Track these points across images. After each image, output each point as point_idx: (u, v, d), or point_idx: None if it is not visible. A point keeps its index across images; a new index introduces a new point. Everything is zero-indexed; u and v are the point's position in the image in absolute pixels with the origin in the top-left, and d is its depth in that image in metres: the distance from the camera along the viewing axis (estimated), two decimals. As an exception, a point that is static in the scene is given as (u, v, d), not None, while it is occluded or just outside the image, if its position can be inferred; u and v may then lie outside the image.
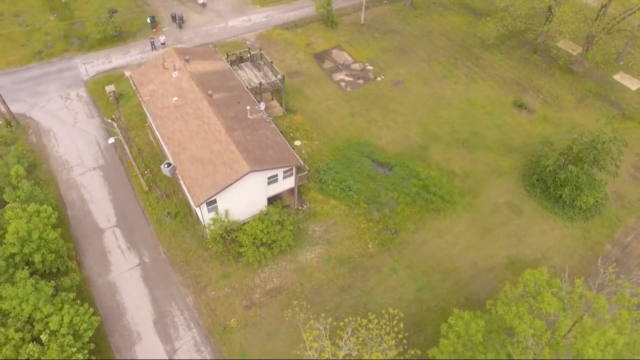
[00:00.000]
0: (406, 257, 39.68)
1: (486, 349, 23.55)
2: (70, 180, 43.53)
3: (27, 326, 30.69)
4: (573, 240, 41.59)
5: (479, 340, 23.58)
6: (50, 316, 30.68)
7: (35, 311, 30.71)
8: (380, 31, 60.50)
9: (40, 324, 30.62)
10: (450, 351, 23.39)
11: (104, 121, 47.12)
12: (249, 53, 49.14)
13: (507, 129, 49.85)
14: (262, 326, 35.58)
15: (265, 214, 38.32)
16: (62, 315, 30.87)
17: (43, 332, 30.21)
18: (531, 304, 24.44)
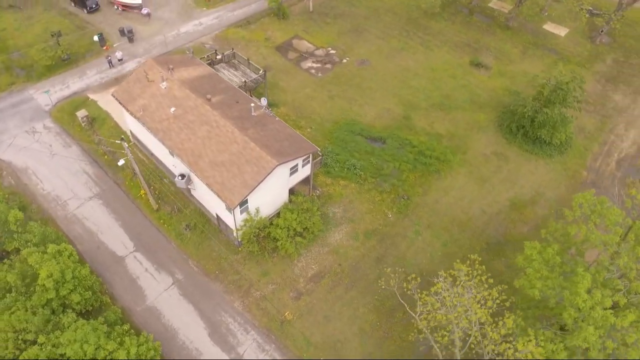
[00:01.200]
0: (424, 218, 41.37)
1: (566, 267, 25.65)
2: (68, 216, 40.28)
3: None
4: (556, 174, 45.55)
5: (558, 262, 25.62)
6: (115, 352, 28.74)
7: (98, 350, 28.60)
8: (331, 16, 61.19)
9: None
10: (538, 277, 25.13)
11: (105, 142, 43.72)
12: (222, 54, 47.81)
13: (472, 88, 52.98)
14: (317, 312, 35.69)
15: (294, 203, 38.11)
16: (127, 348, 29.09)
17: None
18: (594, 220, 26.77)
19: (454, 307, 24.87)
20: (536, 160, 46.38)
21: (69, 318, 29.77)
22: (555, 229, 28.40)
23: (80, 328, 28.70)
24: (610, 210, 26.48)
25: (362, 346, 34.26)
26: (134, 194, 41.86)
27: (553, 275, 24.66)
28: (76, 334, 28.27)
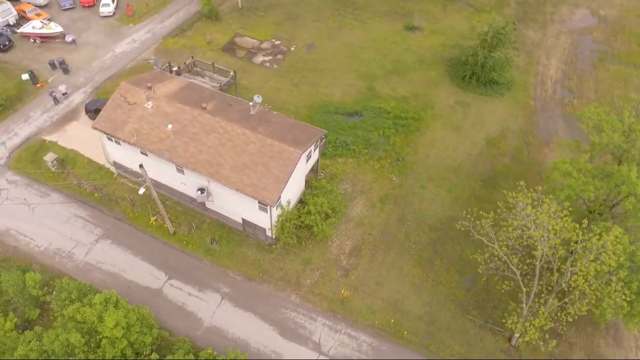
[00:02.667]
0: (423, 173, 43.82)
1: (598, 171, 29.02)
2: (80, 266, 36.75)
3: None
4: (511, 108, 50.44)
5: (589, 168, 29.11)
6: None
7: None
8: (261, 9, 60.55)
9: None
10: (582, 183, 28.29)
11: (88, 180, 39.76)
12: (179, 66, 45.66)
13: (415, 49, 56.16)
14: (368, 281, 36.73)
15: (314, 188, 38.29)
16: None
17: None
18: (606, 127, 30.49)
19: (536, 226, 27.19)
20: (492, 101, 50.85)
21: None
22: (567, 144, 31.76)
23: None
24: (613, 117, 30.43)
25: (420, 298, 36.00)
26: (142, 224, 39.08)
27: (594, 180, 28.15)
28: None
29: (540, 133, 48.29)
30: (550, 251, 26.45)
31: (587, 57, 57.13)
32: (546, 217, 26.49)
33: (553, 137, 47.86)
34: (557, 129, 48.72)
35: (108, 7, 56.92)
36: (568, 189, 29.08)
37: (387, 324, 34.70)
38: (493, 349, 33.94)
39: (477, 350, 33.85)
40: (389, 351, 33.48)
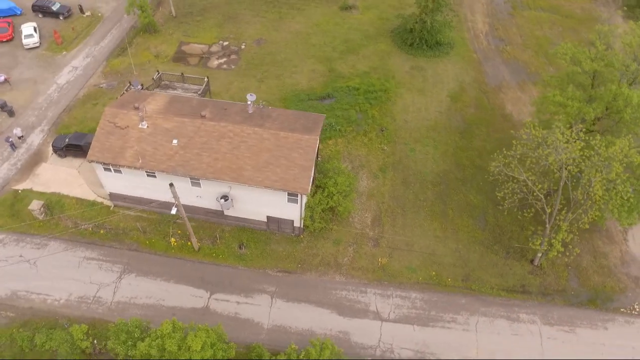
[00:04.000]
0: (408, 138, 46.04)
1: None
2: (112, 307, 34.36)
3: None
4: (460, 64, 54.18)
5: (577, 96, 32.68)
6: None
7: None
8: (196, 14, 58.49)
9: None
10: (574, 110, 31.70)
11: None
12: (152, 79, 43.25)
13: (357, 27, 57.89)
14: (398, 245, 38.41)
15: (328, 170, 38.80)
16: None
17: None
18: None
19: (559, 151, 30.12)
20: (442, 61, 54.24)
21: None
22: (565, 49, 34.57)
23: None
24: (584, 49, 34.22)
25: (447, 247, 38.38)
26: (161, 248, 37.14)
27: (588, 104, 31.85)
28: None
29: (491, 81, 52.59)
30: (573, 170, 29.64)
31: (503, 8, 62.67)
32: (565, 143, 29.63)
33: (502, 82, 52.37)
34: (503, 74, 53.33)
35: (32, 37, 51.65)
36: (566, 116, 32.65)
37: (429, 277, 36.63)
38: (522, 273, 37.32)
39: (509, 278, 37.01)
40: (440, 300, 35.49)
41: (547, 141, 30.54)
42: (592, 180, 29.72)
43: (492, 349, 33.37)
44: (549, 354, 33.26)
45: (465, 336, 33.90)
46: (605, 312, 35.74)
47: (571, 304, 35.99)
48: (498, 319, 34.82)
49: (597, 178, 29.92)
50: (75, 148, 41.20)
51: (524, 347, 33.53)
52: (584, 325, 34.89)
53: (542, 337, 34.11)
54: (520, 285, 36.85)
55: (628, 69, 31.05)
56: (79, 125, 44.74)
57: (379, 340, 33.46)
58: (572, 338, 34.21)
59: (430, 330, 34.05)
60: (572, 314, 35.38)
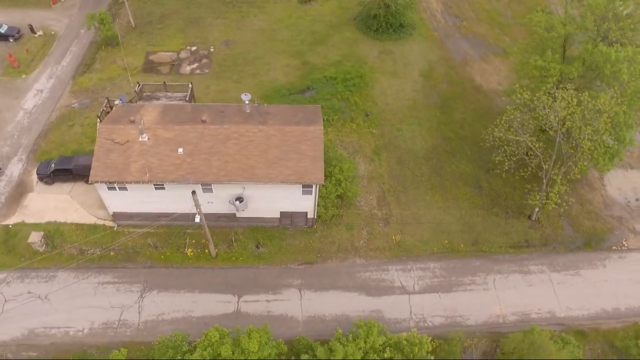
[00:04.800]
0: (392, 119, 47.15)
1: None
2: (140, 327, 33.36)
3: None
4: (425, 44, 55.78)
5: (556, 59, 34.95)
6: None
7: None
8: (156, 22, 56.50)
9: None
10: (557, 71, 33.94)
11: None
12: (134, 92, 41.60)
13: (320, 18, 58.21)
14: (407, 220, 39.67)
15: (332, 159, 39.17)
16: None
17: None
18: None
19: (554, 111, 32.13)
20: (407, 42, 55.73)
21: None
22: (539, 17, 36.76)
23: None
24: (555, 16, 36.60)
25: (452, 216, 40.02)
26: (177, 261, 36.21)
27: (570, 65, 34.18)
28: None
29: (455, 56, 54.72)
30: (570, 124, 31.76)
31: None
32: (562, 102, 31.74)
33: (466, 56, 54.59)
34: (465, 49, 55.61)
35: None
36: (550, 78, 34.87)
37: (442, 246, 38.10)
38: (522, 229, 39.61)
39: (513, 235, 39.20)
40: (457, 266, 37.05)
41: (543, 102, 32.53)
42: (585, 133, 32.02)
43: (513, 302, 35.32)
44: (563, 297, 35.66)
45: (487, 295, 35.64)
46: (600, 251, 38.74)
47: (571, 250, 38.69)
48: (512, 274, 36.86)
49: (587, 130, 32.27)
50: (64, 172, 38.98)
51: (539, 296, 35.74)
52: (585, 266, 37.65)
53: (553, 284, 36.49)
54: (523, 240, 39.11)
55: (600, 28, 33.60)
56: (59, 149, 42.26)
57: (410, 313, 34.49)
58: (578, 280, 36.86)
59: (454, 295, 35.50)
60: (573, 259, 38.07)
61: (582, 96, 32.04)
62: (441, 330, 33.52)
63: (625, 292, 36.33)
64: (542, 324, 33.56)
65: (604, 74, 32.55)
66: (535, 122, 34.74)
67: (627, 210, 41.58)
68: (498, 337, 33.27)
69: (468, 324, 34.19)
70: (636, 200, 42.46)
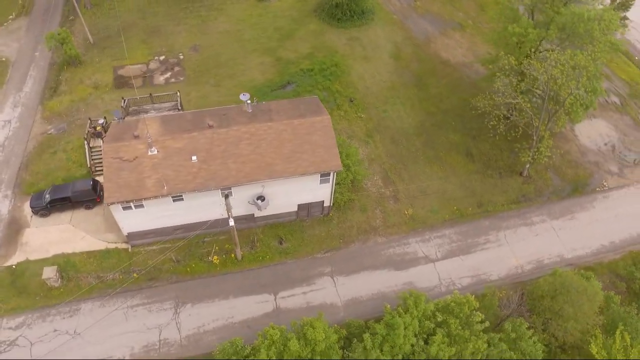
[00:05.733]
0: (375, 101, 48.29)
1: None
2: (183, 343, 32.41)
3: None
4: (388, 27, 57.18)
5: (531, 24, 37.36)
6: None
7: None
8: (114, 36, 53.61)
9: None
10: (534, 36, 36.31)
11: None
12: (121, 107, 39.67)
13: (281, 13, 57.94)
14: (414, 193, 41.12)
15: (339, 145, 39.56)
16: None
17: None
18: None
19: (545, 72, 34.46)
20: (371, 27, 56.86)
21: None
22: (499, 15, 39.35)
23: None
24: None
25: (453, 184, 41.85)
26: (203, 270, 35.36)
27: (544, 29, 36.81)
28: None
29: (418, 35, 56.65)
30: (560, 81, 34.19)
31: (397, -30, 66.96)
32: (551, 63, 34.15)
33: (427, 34, 56.67)
34: (425, 27, 57.71)
35: (-62, 101, 43.67)
36: (528, 42, 37.29)
37: (453, 213, 39.82)
38: (517, 186, 42.20)
39: (511, 193, 41.69)
40: (469, 229, 38.95)
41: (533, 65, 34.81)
42: (571, 88, 34.64)
43: (525, 253, 37.72)
44: (566, 241, 38.52)
45: (502, 250, 37.80)
46: (587, 195, 42.14)
47: (563, 198, 41.78)
48: (519, 227, 39.28)
49: (572, 85, 34.92)
50: (62, 201, 36.60)
51: (546, 243, 38.40)
52: (578, 210, 40.85)
53: (555, 230, 39.32)
54: (521, 195, 41.71)
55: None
56: (46, 179, 39.54)
57: (439, 279, 35.90)
58: (576, 224, 39.95)
59: (474, 256, 37.33)
60: (567, 205, 41.15)
61: (564, 55, 34.58)
62: (470, 289, 35.10)
63: (615, 227, 39.83)
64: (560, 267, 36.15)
65: (577, 32, 35.25)
66: (524, 85, 36.99)
67: (600, 155, 45.41)
68: (521, 286, 35.42)
69: (492, 279, 36.12)
70: (605, 145, 46.46)
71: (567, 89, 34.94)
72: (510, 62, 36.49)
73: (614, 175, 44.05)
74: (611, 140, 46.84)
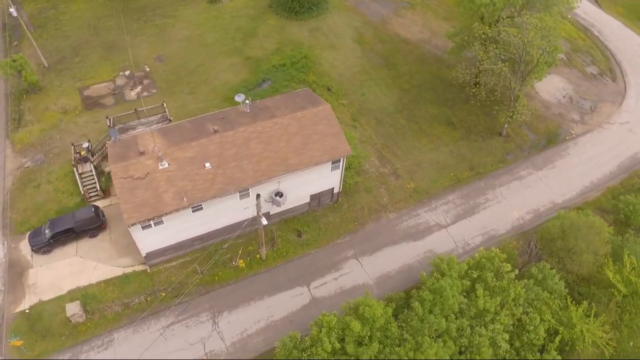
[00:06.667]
0: (352, 86, 49.11)
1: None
2: (230, 350, 31.78)
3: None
4: (342, 13, 57.82)
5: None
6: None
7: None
8: (70, 56, 50.13)
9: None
10: (501, 3, 38.73)
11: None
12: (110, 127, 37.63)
13: (237, 13, 56.67)
14: (411, 167, 42.67)
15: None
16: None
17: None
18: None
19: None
20: (329, 16, 57.12)
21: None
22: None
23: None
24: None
25: (443, 153, 43.80)
26: (229, 277, 34.82)
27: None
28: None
29: (374, 18, 57.83)
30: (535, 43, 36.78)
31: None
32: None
33: (382, 16, 58.04)
34: (378, 9, 59.03)
35: None
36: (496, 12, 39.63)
37: (450, 179, 41.81)
38: (500, 145, 44.96)
39: (496, 152, 44.35)
40: (469, 192, 41.14)
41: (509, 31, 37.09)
42: (543, 49, 37.35)
43: (522, 204, 40.42)
44: (554, 188, 41.66)
45: (502, 205, 40.26)
46: (560, 144, 45.73)
47: (541, 150, 45.06)
48: (511, 183, 41.97)
49: (544, 46, 37.64)
50: (64, 234, 34.30)
51: (538, 194, 41.37)
52: (557, 159, 44.28)
53: (542, 180, 42.38)
54: (505, 153, 44.45)
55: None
56: (37, 214, 36.80)
57: (454, 242, 37.65)
58: (557, 171, 43.30)
59: (479, 215, 39.49)
60: (546, 156, 44.43)
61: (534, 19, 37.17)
62: (484, 247, 37.03)
63: (590, 168, 43.66)
64: (551, 213, 39.11)
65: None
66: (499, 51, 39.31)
67: (561, 107, 49.26)
68: (528, 235, 37.94)
69: (500, 234, 38.43)
70: (563, 98, 50.42)
71: (539, 49, 37.61)
72: (485, 31, 38.58)
73: (577, 122, 48.02)
74: (567, 93, 50.87)
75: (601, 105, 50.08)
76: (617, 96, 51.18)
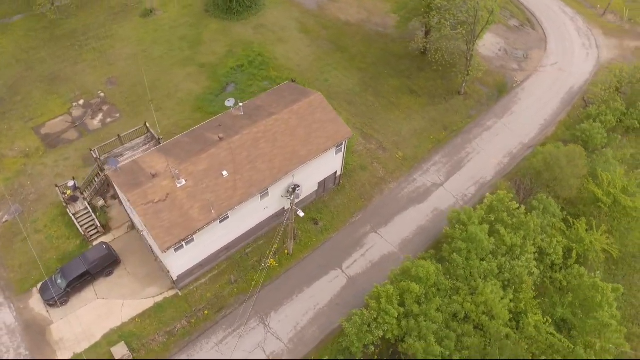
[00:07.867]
0: (313, 76, 49.61)
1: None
2: (290, 347, 31.63)
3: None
4: (281, 8, 57.46)
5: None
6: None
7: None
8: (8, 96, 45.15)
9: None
10: None
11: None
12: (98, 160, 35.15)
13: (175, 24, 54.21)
14: (395, 138, 44.63)
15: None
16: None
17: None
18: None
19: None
20: (267, 12, 56.56)
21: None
22: None
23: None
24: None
25: (415, 119, 46.27)
26: (266, 277, 34.37)
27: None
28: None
29: (311, 7, 58.31)
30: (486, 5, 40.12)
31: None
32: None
33: (318, 3, 59.00)
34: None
35: None
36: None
37: (431, 141, 44.59)
38: (462, 103, 48.45)
39: (461, 111, 47.78)
40: (450, 149, 44.22)
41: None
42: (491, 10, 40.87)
43: (499, 150, 44.22)
44: (517, 131, 45.93)
45: (481, 156, 43.78)
46: (510, 92, 50.36)
47: (497, 100, 49.31)
48: (482, 134, 45.62)
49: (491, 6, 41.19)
50: (80, 279, 31.85)
51: (506, 138, 45.45)
52: (512, 106, 48.77)
53: (506, 126, 46.57)
54: (469, 109, 48.06)
55: None
56: (36, 267, 33.48)
57: (454, 196, 40.36)
58: (516, 116, 47.75)
59: (467, 167, 42.68)
60: (502, 105, 48.74)
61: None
62: (479, 194, 40.32)
63: (539, 108, 48.62)
64: (525, 151, 43.30)
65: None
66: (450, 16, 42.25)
67: (500, 59, 53.99)
68: (511, 177, 41.67)
69: (488, 180, 41.82)
70: (499, 51, 55.21)
71: (488, 11, 41.09)
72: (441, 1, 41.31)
73: (517, 70, 53.00)
74: (501, 46, 55.77)
75: (531, 52, 55.60)
76: (541, 42, 57.05)
